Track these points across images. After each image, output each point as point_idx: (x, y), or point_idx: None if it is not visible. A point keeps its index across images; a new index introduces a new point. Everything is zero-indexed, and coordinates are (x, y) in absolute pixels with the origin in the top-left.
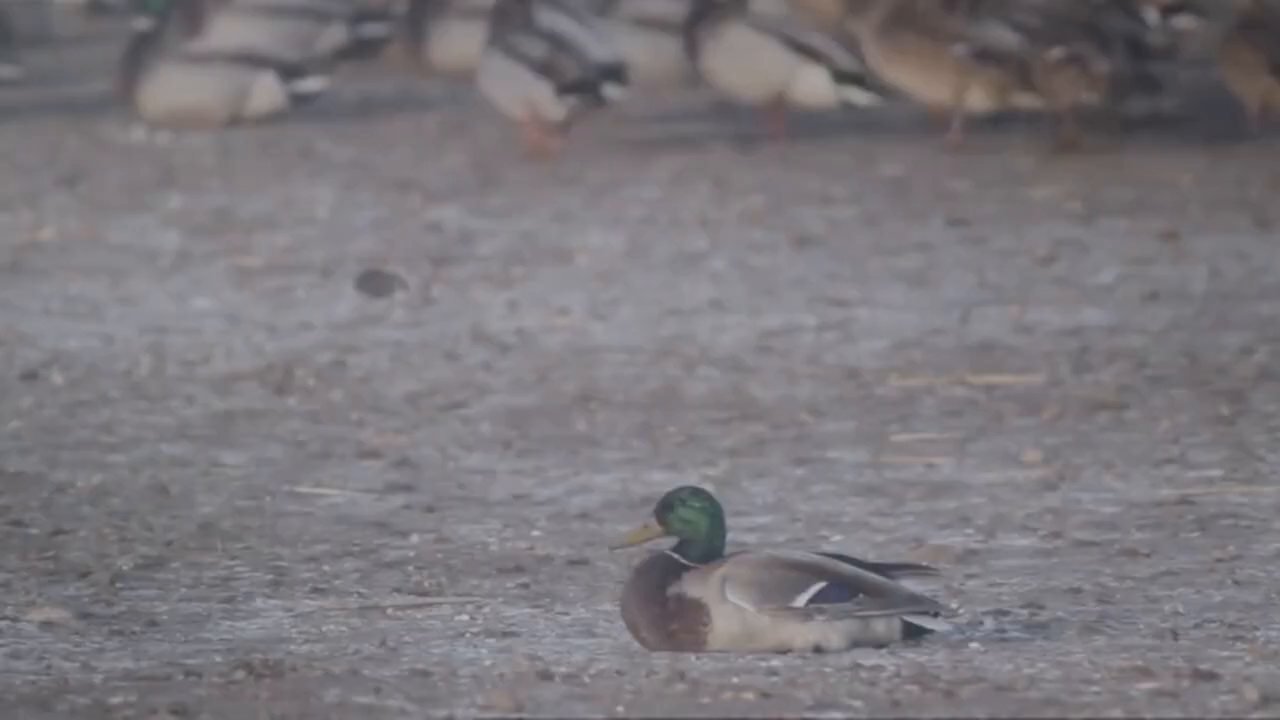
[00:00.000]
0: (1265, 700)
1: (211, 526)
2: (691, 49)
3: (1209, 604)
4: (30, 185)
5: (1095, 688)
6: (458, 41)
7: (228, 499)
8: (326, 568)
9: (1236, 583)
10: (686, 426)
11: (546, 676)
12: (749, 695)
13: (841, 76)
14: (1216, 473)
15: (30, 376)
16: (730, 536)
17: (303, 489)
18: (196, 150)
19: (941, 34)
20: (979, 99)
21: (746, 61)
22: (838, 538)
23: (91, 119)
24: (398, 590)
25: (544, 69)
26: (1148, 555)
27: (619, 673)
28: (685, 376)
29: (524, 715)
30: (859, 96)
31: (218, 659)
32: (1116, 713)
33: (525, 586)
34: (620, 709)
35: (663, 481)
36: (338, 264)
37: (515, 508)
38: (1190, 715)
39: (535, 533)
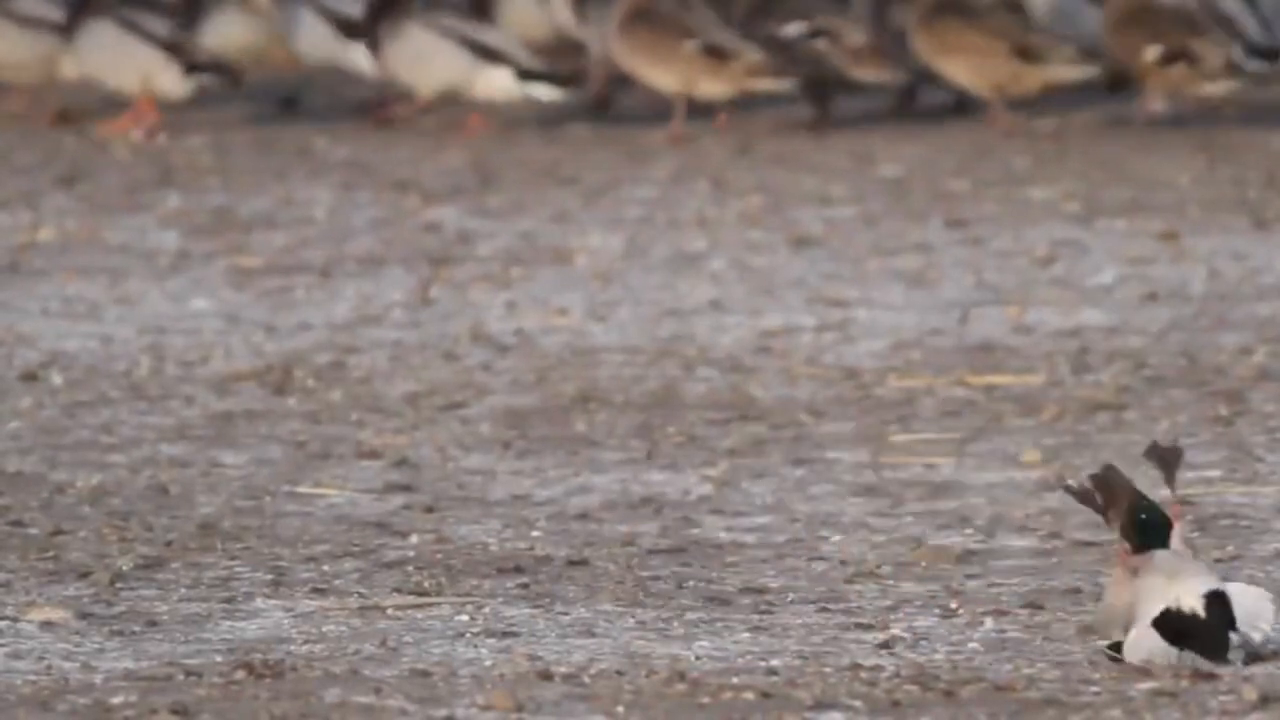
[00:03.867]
0: (1264, 700)
1: (211, 526)
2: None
3: None
4: (28, 185)
5: (1095, 688)
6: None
7: (228, 499)
8: (326, 568)
9: None
10: (686, 427)
11: (546, 676)
12: (749, 695)
13: (525, 75)
14: (1215, 473)
15: (29, 377)
16: (730, 538)
17: (302, 489)
18: (194, 150)
19: (676, 29)
20: (711, 89)
21: (424, 61)
22: (837, 538)
23: (89, 119)
24: (398, 590)
25: None
26: None
27: (619, 673)
28: (684, 377)
29: (524, 715)
30: (544, 92)
31: (218, 659)
32: (1116, 712)
33: (525, 586)
34: (620, 709)
35: (662, 482)
36: (336, 264)
37: (515, 508)
38: (1189, 715)
39: (535, 533)
